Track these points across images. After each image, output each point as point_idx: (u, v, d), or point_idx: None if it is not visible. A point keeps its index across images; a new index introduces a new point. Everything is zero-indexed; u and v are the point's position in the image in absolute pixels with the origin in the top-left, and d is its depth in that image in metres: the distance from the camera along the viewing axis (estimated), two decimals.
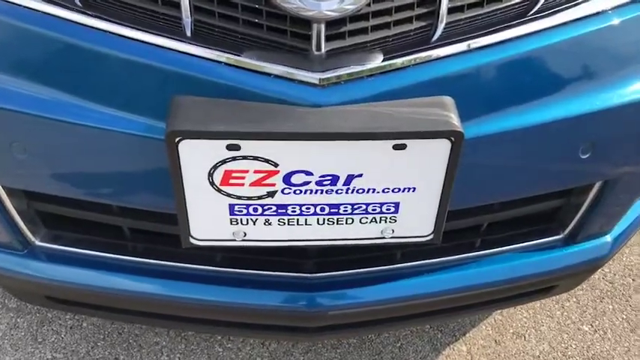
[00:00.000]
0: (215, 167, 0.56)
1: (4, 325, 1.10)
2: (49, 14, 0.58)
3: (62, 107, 0.59)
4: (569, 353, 1.10)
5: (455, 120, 0.56)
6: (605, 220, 0.80)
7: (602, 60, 0.67)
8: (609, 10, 0.65)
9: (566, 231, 0.80)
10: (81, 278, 0.74)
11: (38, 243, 0.75)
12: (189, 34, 0.58)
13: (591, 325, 1.16)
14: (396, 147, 0.56)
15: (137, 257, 0.74)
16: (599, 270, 1.27)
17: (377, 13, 0.59)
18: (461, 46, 0.61)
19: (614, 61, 0.67)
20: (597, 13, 0.65)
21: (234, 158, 0.55)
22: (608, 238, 0.83)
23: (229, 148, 0.54)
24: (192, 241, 0.62)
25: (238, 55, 0.58)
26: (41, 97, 0.59)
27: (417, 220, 0.62)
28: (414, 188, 0.60)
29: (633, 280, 1.28)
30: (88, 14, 0.58)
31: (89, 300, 0.78)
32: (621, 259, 1.34)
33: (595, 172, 0.71)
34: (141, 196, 0.65)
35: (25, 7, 0.58)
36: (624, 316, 1.19)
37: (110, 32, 0.58)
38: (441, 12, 0.60)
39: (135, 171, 0.63)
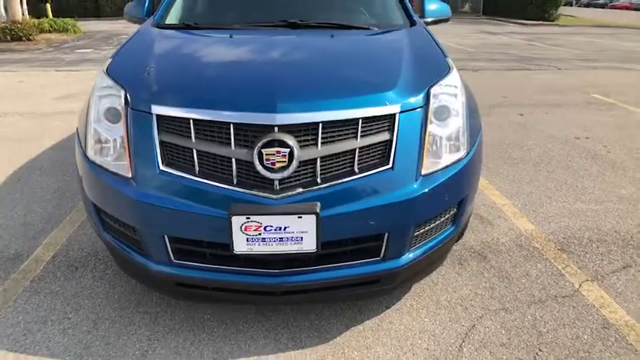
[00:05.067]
0: (242, 224, 1.79)
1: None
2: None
3: (189, 207, 1.84)
4: (403, 322, 2.20)
5: (317, 209, 1.79)
6: (396, 250, 1.97)
7: (377, 190, 1.89)
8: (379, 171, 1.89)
9: (381, 255, 1.97)
10: (192, 273, 1.94)
11: (175, 260, 1.97)
12: (235, 182, 1.84)
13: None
14: (298, 217, 1.78)
15: (209, 264, 1.94)
16: (432, 280, 2.40)
17: (299, 178, 1.84)
18: (325, 185, 1.85)
19: (385, 191, 1.89)
20: (379, 172, 1.89)
21: (247, 221, 1.78)
22: (402, 259, 2.00)
23: (246, 217, 1.78)
24: (235, 251, 1.83)
25: (251, 190, 1.83)
26: (181, 204, 1.85)
27: (309, 242, 1.82)
28: (307, 232, 1.81)
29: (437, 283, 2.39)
30: (201, 179, 1.86)
31: (194, 283, 1.97)
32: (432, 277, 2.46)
33: (381, 229, 1.91)
34: (216, 236, 1.87)
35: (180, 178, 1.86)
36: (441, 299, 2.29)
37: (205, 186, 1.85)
38: (317, 177, 1.85)
39: (216, 228, 1.85)
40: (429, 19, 3.33)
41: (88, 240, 2.93)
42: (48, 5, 19.98)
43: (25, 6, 15.55)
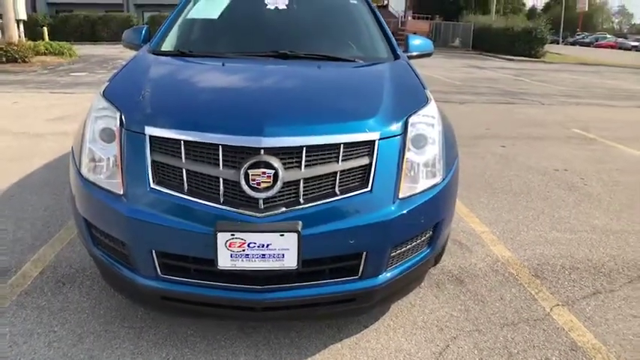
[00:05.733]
0: (227, 241, 1.88)
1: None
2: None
3: (177, 223, 1.93)
4: (379, 343, 2.28)
5: (299, 227, 1.89)
6: (374, 269, 2.07)
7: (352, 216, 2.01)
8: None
9: (359, 273, 2.07)
10: (178, 287, 2.02)
11: (161, 275, 2.05)
12: (222, 201, 1.95)
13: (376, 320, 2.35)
14: (280, 235, 1.88)
15: (194, 279, 2.02)
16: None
17: (282, 198, 1.95)
18: (308, 205, 1.96)
19: (363, 213, 2.01)
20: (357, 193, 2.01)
21: (232, 237, 1.88)
22: (380, 279, 2.09)
23: (231, 234, 1.87)
24: (219, 267, 1.91)
25: (237, 208, 1.93)
26: (169, 220, 1.94)
27: (291, 259, 1.91)
28: (289, 249, 1.90)
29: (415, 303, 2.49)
30: (190, 197, 1.96)
31: (179, 297, 2.04)
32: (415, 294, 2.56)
33: (359, 248, 2.02)
34: (202, 252, 1.96)
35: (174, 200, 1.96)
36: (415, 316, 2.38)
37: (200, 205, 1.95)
38: (300, 197, 1.96)
39: (202, 243, 1.94)
40: (414, 53, 3.51)
41: (77, 257, 3.00)
42: (44, 29, 20.24)
43: (21, 28, 15.75)
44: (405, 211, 2.07)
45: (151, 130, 2.03)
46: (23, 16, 15.77)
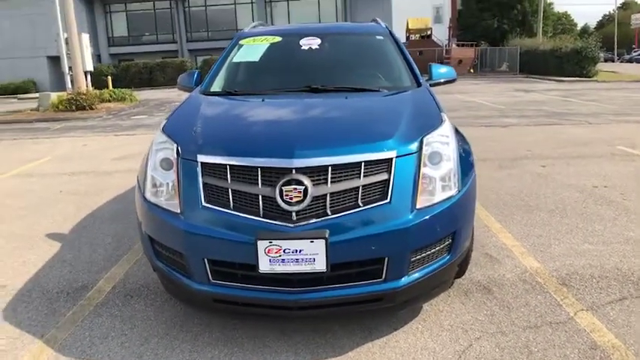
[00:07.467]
0: (266, 247, 2.21)
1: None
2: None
3: (225, 234, 2.29)
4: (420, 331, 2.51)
5: (327, 234, 2.20)
6: (396, 272, 2.33)
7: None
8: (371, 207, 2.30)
9: (383, 276, 2.34)
10: (226, 290, 2.36)
11: (212, 280, 2.39)
12: (261, 214, 2.29)
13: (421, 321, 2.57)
14: (310, 241, 2.20)
15: (240, 283, 2.35)
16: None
17: (312, 210, 2.27)
18: (334, 216, 2.27)
19: (383, 222, 2.29)
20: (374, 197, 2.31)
21: (270, 244, 2.21)
22: (402, 281, 2.35)
23: (269, 242, 2.21)
24: (260, 271, 2.24)
25: (273, 220, 2.26)
26: (219, 232, 2.30)
27: (321, 263, 2.21)
28: (318, 254, 2.21)
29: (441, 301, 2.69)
30: (235, 212, 2.31)
31: (227, 299, 2.38)
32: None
33: (381, 253, 2.29)
34: (245, 258, 2.29)
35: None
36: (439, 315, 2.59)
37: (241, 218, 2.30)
38: (327, 209, 2.28)
39: (245, 251, 2.28)
40: (441, 80, 3.81)
41: (142, 275, 3.42)
42: (109, 78, 21.96)
43: (89, 79, 17.21)
44: (421, 220, 2.33)
45: (202, 158, 2.42)
46: (90, 67, 17.26)
